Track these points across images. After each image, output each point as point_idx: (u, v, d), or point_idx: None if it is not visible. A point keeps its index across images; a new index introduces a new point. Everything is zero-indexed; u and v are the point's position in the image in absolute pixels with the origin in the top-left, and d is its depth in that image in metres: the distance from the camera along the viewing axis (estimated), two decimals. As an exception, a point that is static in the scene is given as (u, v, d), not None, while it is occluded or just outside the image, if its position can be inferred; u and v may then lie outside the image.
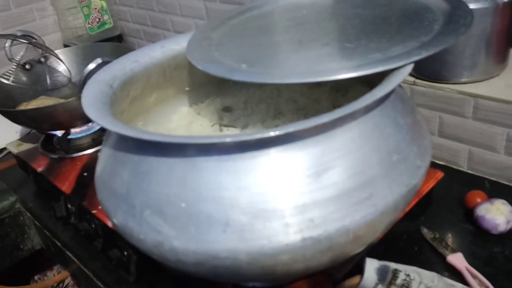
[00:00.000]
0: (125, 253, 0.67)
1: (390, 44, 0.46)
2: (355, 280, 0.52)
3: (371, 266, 0.51)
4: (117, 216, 0.44)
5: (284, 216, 0.38)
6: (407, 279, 0.51)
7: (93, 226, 0.73)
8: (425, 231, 0.69)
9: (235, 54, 0.51)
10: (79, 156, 0.91)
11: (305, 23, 0.57)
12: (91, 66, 0.81)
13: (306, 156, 0.38)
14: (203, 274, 0.44)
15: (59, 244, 0.84)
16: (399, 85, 0.45)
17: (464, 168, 0.82)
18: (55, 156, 0.91)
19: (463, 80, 0.77)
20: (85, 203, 0.76)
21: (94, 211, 0.73)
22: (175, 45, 0.61)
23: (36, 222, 0.93)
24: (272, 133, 0.35)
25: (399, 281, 0.51)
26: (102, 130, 0.97)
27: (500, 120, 0.73)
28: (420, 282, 0.51)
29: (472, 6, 0.70)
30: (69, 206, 0.79)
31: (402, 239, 0.68)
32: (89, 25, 1.48)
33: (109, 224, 0.69)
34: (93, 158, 0.90)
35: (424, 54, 0.43)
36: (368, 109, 0.40)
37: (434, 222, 0.70)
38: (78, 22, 1.47)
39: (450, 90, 0.77)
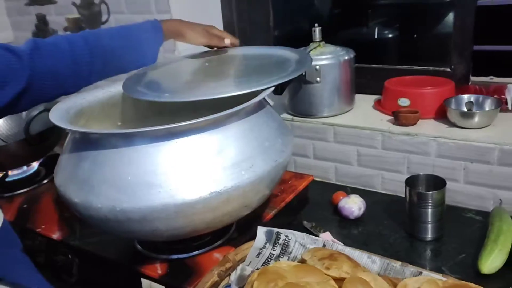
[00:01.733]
0: (70, 256, 0.81)
1: (262, 78, 0.72)
2: (251, 243, 0.73)
3: (261, 230, 0.73)
4: (79, 196, 0.61)
5: (198, 178, 0.59)
6: (287, 238, 0.74)
7: (37, 242, 0.86)
8: (305, 222, 0.92)
9: (158, 88, 0.74)
10: (17, 193, 1.03)
11: (208, 69, 0.82)
12: (34, 112, 0.98)
13: (213, 140, 0.61)
14: (145, 232, 0.62)
15: None
16: (269, 105, 0.71)
17: (333, 181, 1.09)
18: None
19: (325, 115, 1.07)
20: (29, 225, 0.89)
21: (38, 230, 0.87)
22: (112, 88, 0.82)
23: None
24: (181, 124, 0.58)
25: (281, 240, 0.73)
26: (37, 172, 1.11)
27: (352, 140, 1.03)
28: (296, 241, 0.74)
29: (323, 62, 1.01)
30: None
31: (289, 228, 0.91)
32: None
33: (54, 236, 0.83)
34: (31, 193, 1.03)
35: (279, 81, 0.69)
36: (247, 113, 0.65)
37: (312, 216, 0.95)
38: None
39: (316, 122, 1.06)
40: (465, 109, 0.95)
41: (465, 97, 0.96)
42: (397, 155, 0.98)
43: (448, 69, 1.06)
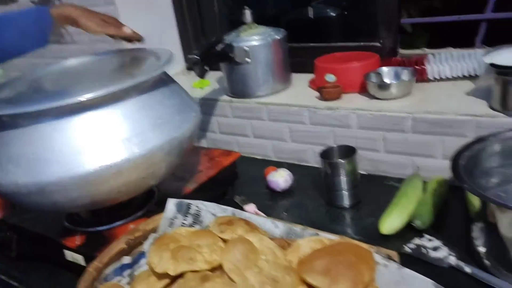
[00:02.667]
0: (8, 233, 0.88)
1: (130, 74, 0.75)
2: (162, 214, 0.79)
3: (171, 202, 0.78)
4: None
5: (89, 153, 0.65)
6: (197, 209, 0.79)
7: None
8: (236, 197, 0.98)
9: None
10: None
11: (70, 76, 0.85)
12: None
13: (105, 117, 0.67)
14: (48, 204, 0.68)
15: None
16: (177, 84, 0.76)
17: (273, 158, 1.14)
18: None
19: (260, 94, 1.11)
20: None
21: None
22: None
23: None
24: (73, 102, 0.63)
25: (192, 211, 0.78)
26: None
27: (283, 118, 1.07)
28: (207, 211, 0.79)
29: (252, 43, 1.05)
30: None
31: (222, 203, 0.96)
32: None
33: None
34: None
35: (149, 76, 0.72)
36: (139, 92, 0.70)
37: (245, 191, 0.99)
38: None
39: (252, 102, 1.10)
40: (382, 81, 0.98)
41: (384, 69, 0.99)
42: (324, 129, 1.01)
43: (378, 44, 1.09)
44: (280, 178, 0.97)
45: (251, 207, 0.92)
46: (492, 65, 0.80)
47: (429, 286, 0.63)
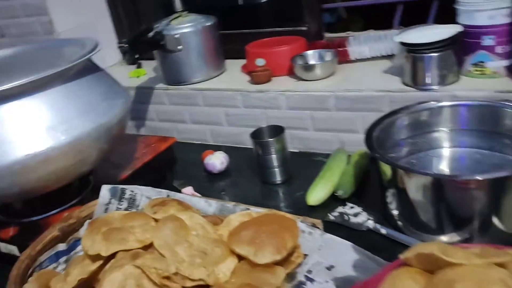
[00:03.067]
0: None
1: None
2: (97, 201, 0.80)
3: (105, 188, 0.79)
4: None
5: (14, 142, 0.65)
6: (132, 193, 0.81)
7: None
8: (175, 181, 1.00)
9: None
10: None
11: None
12: None
13: (30, 106, 0.68)
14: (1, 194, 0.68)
15: None
16: (104, 71, 0.77)
17: (211, 142, 1.17)
18: None
19: (194, 81, 1.13)
20: None
21: None
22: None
23: None
24: None
25: (127, 196, 0.80)
26: None
27: (219, 103, 1.10)
28: (142, 195, 0.81)
29: (183, 30, 1.07)
30: None
31: (161, 188, 0.99)
32: None
33: None
34: None
35: (71, 64, 0.73)
36: (64, 81, 0.71)
37: (183, 175, 1.02)
38: None
39: (187, 89, 1.13)
40: (307, 63, 1.04)
41: (309, 52, 1.04)
42: (256, 111, 1.06)
43: (304, 28, 1.14)
44: (217, 160, 1.01)
45: (188, 190, 0.95)
46: (402, 43, 0.87)
47: (348, 248, 0.70)
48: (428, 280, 0.46)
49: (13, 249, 0.77)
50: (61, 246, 0.76)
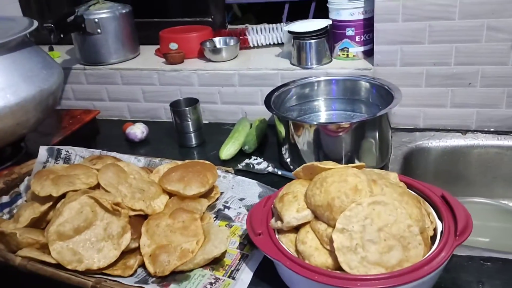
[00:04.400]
0: None
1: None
2: (35, 159, 0.90)
3: (43, 148, 0.90)
4: None
5: None
6: (67, 153, 0.92)
7: None
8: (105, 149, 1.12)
9: None
10: None
11: None
12: None
13: None
14: None
15: None
16: (38, 46, 0.87)
17: (129, 117, 1.30)
18: None
19: (112, 61, 1.26)
20: None
21: None
22: None
23: None
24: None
25: (62, 155, 0.92)
26: None
27: (136, 81, 1.24)
28: (76, 154, 0.93)
29: (102, 15, 1.19)
30: None
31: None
32: None
33: None
34: None
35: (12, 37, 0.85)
36: (9, 50, 0.81)
37: (107, 144, 1.14)
38: None
39: (105, 69, 1.25)
40: (215, 47, 1.24)
41: (216, 38, 1.24)
42: (172, 88, 1.22)
43: (210, 19, 1.34)
44: (137, 130, 1.15)
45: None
46: (289, 32, 1.11)
47: (254, 185, 0.91)
48: (311, 182, 0.69)
49: (-44, 204, 0.84)
50: (5, 198, 0.85)
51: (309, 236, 0.66)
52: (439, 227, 0.68)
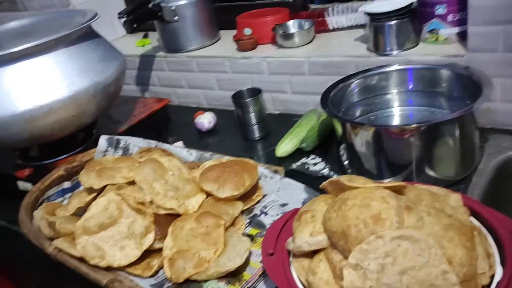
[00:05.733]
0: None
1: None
2: (96, 148, 0.95)
3: (103, 138, 0.94)
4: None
5: (24, 95, 0.80)
6: (126, 143, 0.95)
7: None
8: (169, 137, 1.14)
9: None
10: None
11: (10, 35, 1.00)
12: None
13: (43, 64, 0.83)
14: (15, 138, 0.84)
15: None
16: (102, 38, 0.91)
17: (205, 105, 1.30)
18: None
19: (190, 49, 1.26)
20: None
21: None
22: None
23: None
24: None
25: (121, 145, 0.95)
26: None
27: (210, 69, 1.22)
28: (134, 145, 0.95)
29: (178, 3, 1.19)
30: None
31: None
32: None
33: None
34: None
35: (71, 30, 0.87)
36: (67, 44, 0.85)
37: (177, 132, 1.16)
38: None
39: (184, 56, 1.25)
40: (285, 32, 1.14)
41: (290, 22, 1.14)
42: (242, 76, 1.17)
43: (290, 0, 1.24)
44: (205, 120, 1.14)
45: (179, 144, 1.09)
46: (366, 13, 0.96)
47: (301, 188, 0.82)
48: (331, 202, 0.58)
49: (28, 186, 0.93)
50: (66, 184, 0.92)
51: (322, 266, 0.56)
52: (498, 274, 0.52)
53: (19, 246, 1.02)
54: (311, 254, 0.59)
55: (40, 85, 0.82)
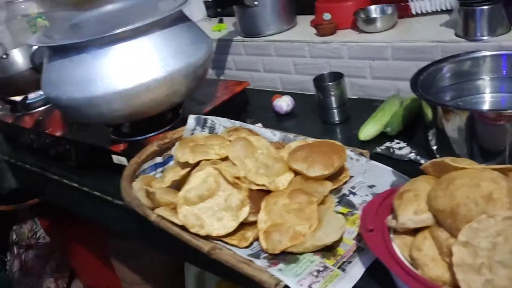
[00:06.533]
0: (67, 147, 1.12)
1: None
2: (185, 127, 1.00)
3: (191, 117, 0.98)
4: (52, 93, 0.91)
5: (123, 74, 0.86)
6: (212, 123, 0.99)
7: (47, 141, 1.18)
8: (248, 119, 1.17)
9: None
10: (35, 111, 1.35)
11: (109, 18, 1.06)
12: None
13: (141, 46, 0.88)
14: (96, 115, 0.90)
15: (27, 166, 1.28)
16: (192, 21, 0.95)
17: (280, 89, 1.32)
18: (19, 114, 1.36)
19: (268, 33, 1.28)
20: (42, 130, 1.21)
21: (47, 131, 1.18)
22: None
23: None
24: (108, 34, 0.84)
25: (208, 124, 0.99)
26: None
27: (288, 53, 1.24)
28: (220, 124, 1.00)
29: (261, -13, 1.22)
30: (32, 136, 1.23)
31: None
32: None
33: (57, 134, 1.14)
34: (45, 111, 1.34)
35: (167, 14, 0.91)
36: (161, 27, 0.89)
37: (255, 114, 1.19)
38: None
39: (261, 40, 1.28)
40: (368, 16, 1.13)
41: (372, 7, 1.14)
42: (321, 61, 1.18)
43: (371, -16, 1.23)
44: (283, 103, 1.16)
45: (258, 125, 1.12)
46: (456, -3, 0.94)
47: (388, 172, 0.83)
48: (437, 180, 0.59)
49: (123, 160, 1.00)
50: (158, 159, 0.97)
51: (427, 243, 0.57)
52: None
53: (111, 215, 1.10)
54: (413, 231, 0.60)
55: (139, 66, 0.87)
